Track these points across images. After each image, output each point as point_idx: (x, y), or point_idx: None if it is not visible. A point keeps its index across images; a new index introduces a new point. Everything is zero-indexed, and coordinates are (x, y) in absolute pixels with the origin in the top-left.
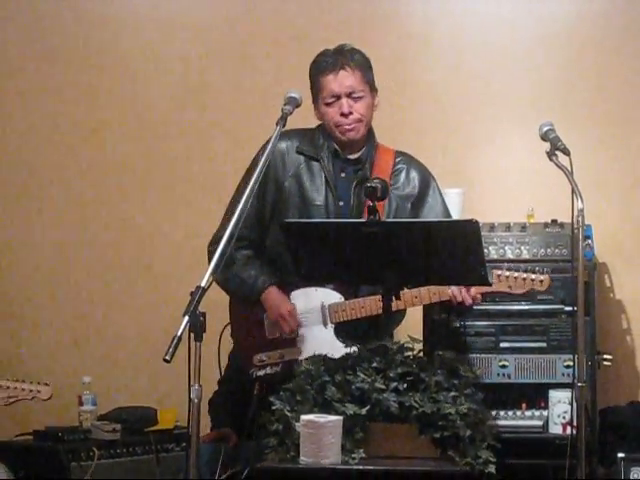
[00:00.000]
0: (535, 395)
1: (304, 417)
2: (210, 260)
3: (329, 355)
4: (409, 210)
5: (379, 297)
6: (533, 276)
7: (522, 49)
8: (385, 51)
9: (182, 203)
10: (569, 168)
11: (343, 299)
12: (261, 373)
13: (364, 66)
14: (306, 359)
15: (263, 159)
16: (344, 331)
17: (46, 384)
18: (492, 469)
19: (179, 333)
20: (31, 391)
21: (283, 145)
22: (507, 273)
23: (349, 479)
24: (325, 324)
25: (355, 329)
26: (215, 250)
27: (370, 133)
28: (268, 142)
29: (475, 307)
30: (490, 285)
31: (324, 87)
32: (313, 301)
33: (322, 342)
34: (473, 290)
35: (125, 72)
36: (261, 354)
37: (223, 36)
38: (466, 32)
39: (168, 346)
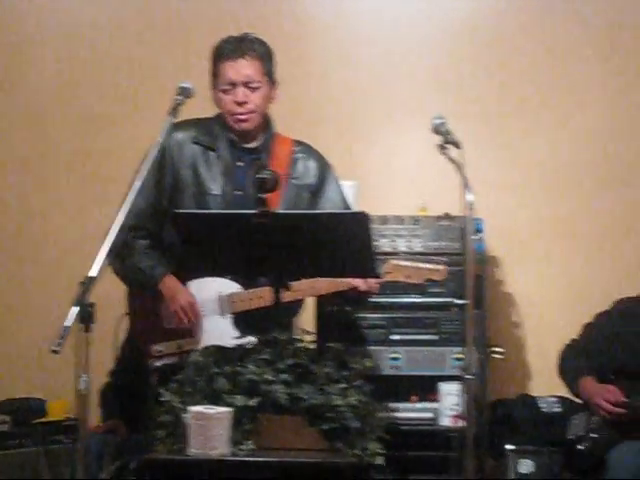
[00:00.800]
0: (426, 387)
1: (193, 409)
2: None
3: (228, 346)
4: (307, 200)
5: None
6: (430, 266)
7: (416, 43)
8: (281, 42)
9: (73, 198)
10: (460, 162)
11: (241, 289)
12: (159, 364)
13: (265, 57)
14: (195, 350)
15: (156, 150)
16: (243, 321)
17: None
18: (380, 461)
19: (68, 324)
20: None
21: (179, 136)
22: (405, 263)
23: (237, 471)
24: (223, 314)
25: (254, 319)
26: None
27: (268, 122)
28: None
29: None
30: (379, 277)
31: (222, 74)
32: (210, 291)
33: (220, 332)
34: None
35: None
36: (158, 345)
37: (121, 26)
38: (362, 25)
39: (57, 337)
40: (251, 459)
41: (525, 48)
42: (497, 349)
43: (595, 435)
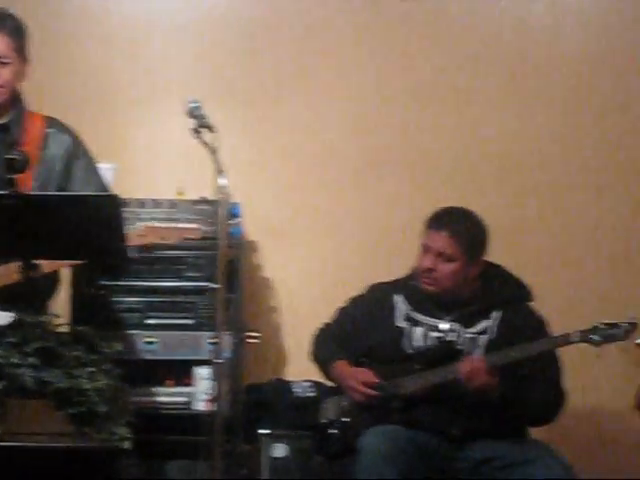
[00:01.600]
0: (182, 371)
1: None
2: None
3: None
4: (60, 177)
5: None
6: (185, 225)
7: (177, 25)
8: (38, 19)
9: None
10: (214, 146)
11: None
12: None
13: (17, 33)
14: None
15: None
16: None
17: None
18: (128, 445)
19: None
20: None
21: None
22: (159, 224)
23: None
24: None
25: (12, 295)
26: None
27: (18, 98)
28: None
29: (122, 283)
30: (130, 260)
31: None
32: None
33: None
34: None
35: None
36: None
37: None
38: (122, 5)
39: None
40: None
41: (283, 33)
42: (252, 333)
43: (346, 419)
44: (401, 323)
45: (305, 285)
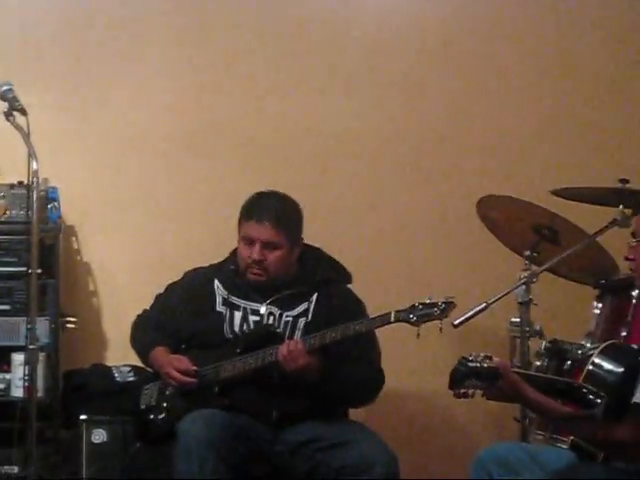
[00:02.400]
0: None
1: None
2: None
3: None
4: None
5: None
6: None
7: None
8: None
9: None
10: (25, 129)
11: None
12: None
13: None
14: None
15: None
16: None
17: None
18: None
19: None
20: None
21: None
22: None
23: None
24: None
25: None
26: None
27: None
28: None
29: None
30: None
31: None
32: None
33: None
34: None
35: None
36: None
37: None
38: None
39: None
40: None
41: (102, 13)
42: (70, 319)
43: (166, 405)
44: (220, 308)
45: (125, 270)
